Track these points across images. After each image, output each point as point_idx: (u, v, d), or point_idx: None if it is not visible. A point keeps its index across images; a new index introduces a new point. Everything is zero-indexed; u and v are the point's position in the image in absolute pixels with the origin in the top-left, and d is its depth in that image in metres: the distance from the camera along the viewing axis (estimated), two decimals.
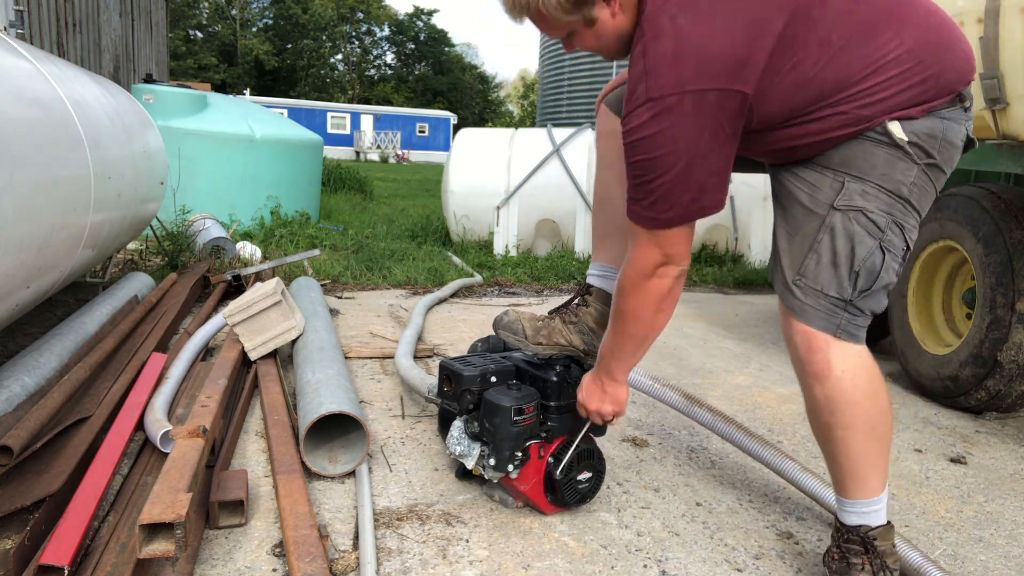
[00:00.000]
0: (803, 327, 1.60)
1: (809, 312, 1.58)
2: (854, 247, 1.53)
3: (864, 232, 1.53)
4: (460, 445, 1.95)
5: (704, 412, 2.24)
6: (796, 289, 1.60)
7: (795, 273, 1.60)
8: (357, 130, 37.96)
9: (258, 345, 2.98)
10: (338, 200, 10.97)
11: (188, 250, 5.32)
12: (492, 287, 5.51)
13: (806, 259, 1.58)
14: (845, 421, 1.59)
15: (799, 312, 1.60)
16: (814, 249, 1.57)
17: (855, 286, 1.55)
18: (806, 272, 1.58)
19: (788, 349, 1.68)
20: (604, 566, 1.78)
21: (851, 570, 1.63)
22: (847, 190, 1.53)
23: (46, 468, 1.96)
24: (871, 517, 1.63)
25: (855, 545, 1.64)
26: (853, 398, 1.58)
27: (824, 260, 1.56)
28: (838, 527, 1.69)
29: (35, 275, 2.46)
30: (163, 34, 15.66)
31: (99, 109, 3.36)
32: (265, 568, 1.69)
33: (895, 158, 1.50)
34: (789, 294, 1.61)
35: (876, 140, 1.50)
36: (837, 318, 1.57)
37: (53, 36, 8.83)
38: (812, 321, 1.58)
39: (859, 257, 1.54)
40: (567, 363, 2.00)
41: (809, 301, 1.58)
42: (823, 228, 1.55)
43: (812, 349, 1.59)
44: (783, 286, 1.63)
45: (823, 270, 1.56)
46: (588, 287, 2.00)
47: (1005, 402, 2.92)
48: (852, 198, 1.53)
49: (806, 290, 1.58)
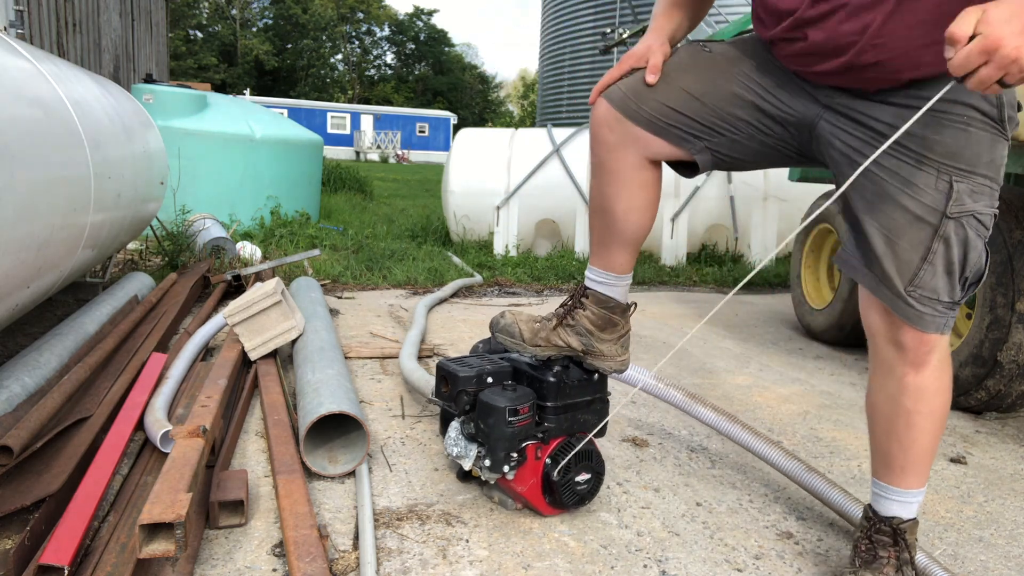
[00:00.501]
0: (918, 332, 1.56)
1: (926, 319, 1.54)
2: (967, 253, 1.49)
3: (976, 236, 1.48)
4: (457, 446, 1.95)
5: (708, 411, 2.24)
6: (912, 300, 1.54)
7: (908, 283, 1.53)
8: (357, 130, 37.99)
9: (258, 345, 2.98)
10: (338, 200, 10.98)
11: (188, 250, 5.32)
12: (492, 287, 5.51)
13: (921, 270, 1.51)
14: (929, 408, 1.60)
15: (915, 320, 1.55)
16: (929, 261, 1.50)
17: (964, 287, 1.54)
18: (922, 284, 1.52)
19: (877, 342, 1.63)
20: (604, 566, 1.78)
21: (876, 561, 1.64)
22: (957, 193, 1.44)
23: (46, 468, 1.96)
24: (909, 508, 1.66)
25: (885, 536, 1.65)
26: (941, 386, 1.61)
27: (939, 270, 1.51)
28: (870, 517, 1.70)
29: (35, 275, 2.46)
30: (163, 34, 15.67)
31: (99, 109, 3.36)
32: (265, 568, 1.69)
33: (996, 138, 1.43)
34: (902, 303, 1.54)
35: (980, 122, 1.41)
36: (946, 318, 1.55)
37: (53, 36, 8.83)
38: (928, 327, 1.55)
39: (971, 262, 1.50)
40: (566, 363, 1.99)
41: (926, 310, 1.53)
42: (937, 238, 1.48)
43: (922, 343, 1.57)
44: (892, 295, 1.55)
45: (939, 279, 1.51)
46: (585, 290, 1.95)
47: (1005, 402, 2.93)
48: (963, 202, 1.45)
49: (922, 300, 1.53)
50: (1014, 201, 2.92)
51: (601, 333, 1.91)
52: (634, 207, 1.79)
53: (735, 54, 1.70)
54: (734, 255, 6.90)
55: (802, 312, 4.44)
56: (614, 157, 1.75)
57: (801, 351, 4.06)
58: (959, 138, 1.42)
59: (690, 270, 6.44)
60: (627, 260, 1.88)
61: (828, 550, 1.92)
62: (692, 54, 1.73)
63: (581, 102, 16.82)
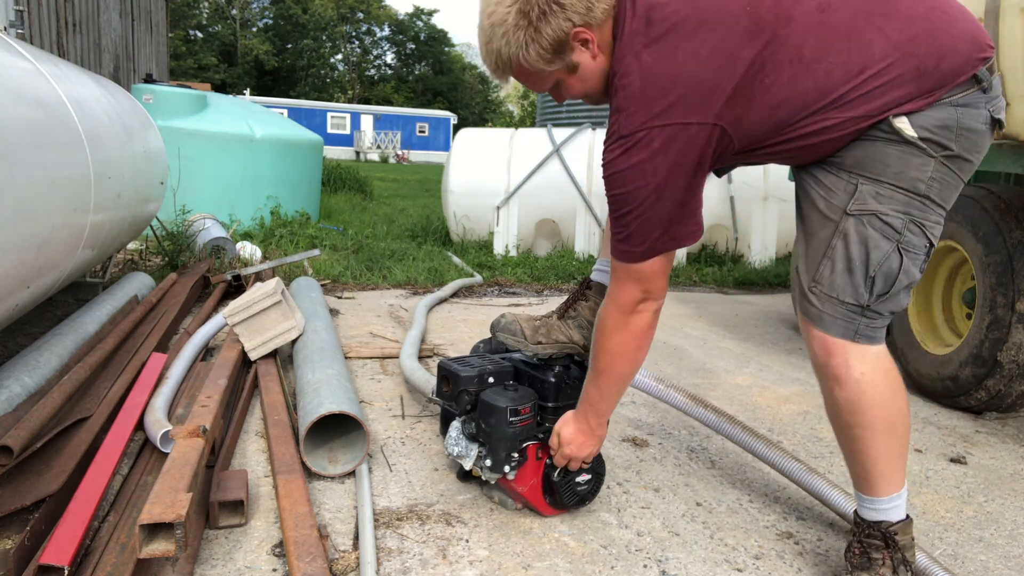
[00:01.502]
0: (820, 334, 1.59)
1: (826, 319, 1.58)
2: (868, 252, 1.52)
3: (879, 236, 1.51)
4: (458, 446, 1.95)
5: (708, 412, 2.24)
6: (812, 296, 1.59)
7: (810, 280, 1.59)
8: (357, 130, 37.98)
9: (258, 345, 2.98)
10: (338, 200, 10.97)
11: (188, 250, 5.32)
12: (492, 287, 5.51)
13: (820, 266, 1.57)
14: (865, 421, 1.59)
15: (816, 319, 1.59)
16: (828, 256, 1.56)
17: (871, 291, 1.54)
18: (821, 279, 1.58)
19: (808, 351, 1.68)
20: (604, 566, 1.78)
21: (872, 564, 1.65)
22: (860, 193, 1.51)
23: (46, 468, 1.96)
24: (891, 513, 1.65)
25: (876, 540, 1.65)
26: (872, 400, 1.58)
27: (839, 267, 1.55)
28: (858, 523, 1.70)
29: (35, 275, 2.46)
30: (163, 34, 15.67)
31: (99, 109, 3.36)
32: (265, 568, 1.69)
33: (909, 155, 1.48)
34: (805, 301, 1.61)
35: (887, 139, 1.48)
36: (855, 324, 1.56)
37: (53, 36, 8.83)
38: (829, 328, 1.58)
39: (874, 262, 1.52)
40: (567, 363, 2.00)
41: (826, 308, 1.57)
42: (837, 234, 1.54)
43: (830, 354, 1.59)
44: (799, 292, 1.63)
45: (838, 277, 1.55)
46: (588, 282, 2.01)
47: (1005, 402, 2.92)
48: (865, 201, 1.51)
49: (822, 297, 1.58)
50: (1014, 201, 2.92)
51: None
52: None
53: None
54: (734, 255, 6.90)
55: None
56: None
57: (801, 351, 4.06)
58: (866, 149, 1.50)
59: (690, 270, 6.44)
60: None
61: (828, 550, 1.92)
62: None
63: (581, 102, 16.78)
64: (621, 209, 1.54)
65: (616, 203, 1.55)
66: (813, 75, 1.45)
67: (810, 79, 1.46)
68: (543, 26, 1.51)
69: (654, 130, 1.45)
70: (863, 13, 1.46)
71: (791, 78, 1.46)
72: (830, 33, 1.45)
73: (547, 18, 1.51)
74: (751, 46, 1.44)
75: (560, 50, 1.55)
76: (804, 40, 1.45)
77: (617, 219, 1.56)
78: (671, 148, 1.46)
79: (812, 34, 1.45)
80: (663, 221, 1.52)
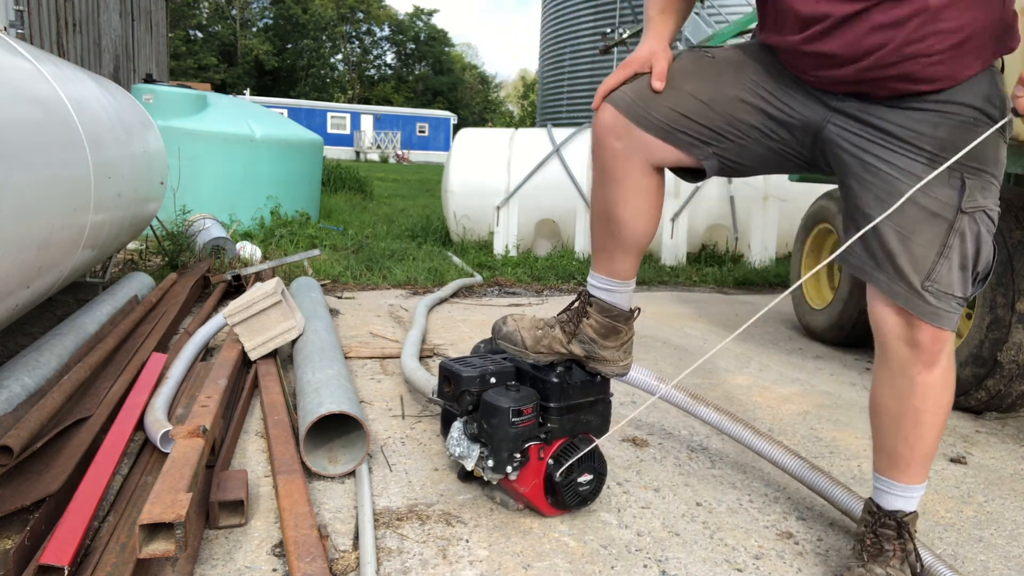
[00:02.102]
0: (933, 329, 1.57)
1: (942, 315, 1.55)
2: (980, 247, 1.53)
3: (987, 231, 1.53)
4: (459, 446, 1.95)
5: (710, 411, 2.24)
6: (928, 295, 1.54)
7: (924, 278, 1.54)
8: (357, 130, 37.98)
9: (258, 345, 2.98)
10: (338, 200, 10.97)
11: (188, 250, 5.32)
12: (492, 287, 5.51)
13: (938, 265, 1.53)
14: (936, 405, 1.62)
15: (930, 316, 1.55)
16: (945, 256, 1.52)
17: (975, 282, 1.56)
18: (939, 279, 1.54)
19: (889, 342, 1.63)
20: (604, 566, 1.78)
21: (882, 555, 1.66)
22: (969, 189, 1.49)
23: (46, 468, 1.96)
24: (912, 502, 1.69)
25: (890, 530, 1.67)
26: (948, 383, 1.63)
27: (955, 264, 1.53)
28: (873, 512, 1.72)
29: (35, 275, 2.46)
30: (163, 34, 15.67)
31: (99, 109, 3.36)
32: (265, 568, 1.69)
33: (999, 138, 1.49)
34: (918, 299, 1.55)
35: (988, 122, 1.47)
36: (958, 314, 1.57)
37: (53, 36, 8.83)
38: (944, 323, 1.56)
39: (983, 256, 1.54)
40: (568, 364, 1.99)
41: (941, 305, 1.55)
42: (953, 233, 1.51)
43: (937, 340, 1.57)
44: (908, 290, 1.56)
45: (954, 274, 1.54)
46: (589, 297, 1.92)
47: (1005, 402, 2.93)
48: (975, 198, 1.50)
49: (938, 295, 1.54)
50: (1014, 201, 2.92)
51: (604, 341, 1.90)
52: (639, 214, 1.77)
53: (739, 59, 1.70)
54: (734, 255, 6.90)
55: (802, 312, 4.45)
56: (620, 164, 1.72)
57: (801, 351, 4.06)
58: (969, 138, 1.46)
59: (690, 270, 6.44)
60: (631, 266, 1.86)
61: (828, 550, 1.92)
62: (695, 60, 1.72)
63: (581, 102, 16.82)
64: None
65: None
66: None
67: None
68: None
69: None
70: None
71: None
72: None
73: None
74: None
75: None
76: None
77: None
78: None
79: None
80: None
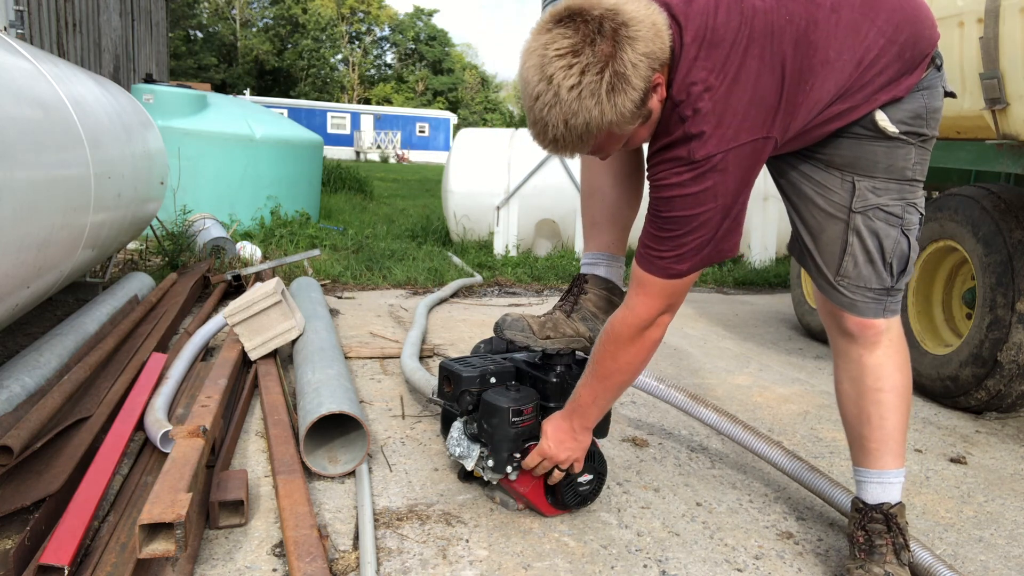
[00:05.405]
0: (856, 319, 1.70)
1: (859, 305, 1.70)
2: (881, 242, 1.64)
3: (886, 225, 1.63)
4: (460, 446, 1.95)
5: (710, 412, 2.24)
6: (842, 288, 1.70)
7: (835, 274, 1.70)
8: (357, 130, 37.94)
9: (258, 345, 2.98)
10: (338, 200, 10.97)
11: (188, 250, 5.32)
12: (492, 287, 5.51)
13: (843, 262, 1.68)
14: (891, 384, 1.71)
15: (849, 307, 1.71)
16: (848, 252, 1.67)
17: (892, 273, 1.67)
18: (847, 273, 1.69)
19: (831, 331, 1.80)
20: (604, 566, 1.78)
21: (875, 552, 1.68)
22: (859, 190, 1.63)
23: (46, 468, 1.96)
24: (893, 490, 1.72)
25: (878, 524, 1.70)
26: (898, 363, 1.72)
27: (860, 260, 1.66)
28: (859, 508, 1.74)
29: (35, 275, 2.46)
30: (163, 34, 15.67)
31: (99, 109, 3.36)
32: (265, 568, 1.69)
33: (893, 148, 1.60)
34: (836, 292, 1.71)
35: (871, 136, 1.58)
36: (883, 303, 1.70)
37: (53, 36, 8.83)
38: (864, 313, 1.70)
39: (888, 249, 1.65)
40: (568, 364, 1.99)
41: (857, 297, 1.69)
42: (849, 231, 1.65)
43: (865, 327, 1.70)
44: (827, 284, 1.73)
45: (862, 268, 1.67)
46: (583, 276, 2.03)
47: (1005, 402, 2.92)
48: (866, 198, 1.63)
49: (851, 288, 1.69)
50: (1014, 201, 2.92)
51: (605, 316, 1.96)
52: (621, 179, 1.92)
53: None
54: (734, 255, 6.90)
55: (802, 312, 4.45)
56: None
57: (801, 351, 4.06)
58: (854, 149, 1.61)
59: None
60: (617, 238, 1.98)
61: (828, 550, 1.93)
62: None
63: None
64: (680, 230, 1.50)
65: (675, 224, 1.50)
66: (835, 74, 1.50)
67: (832, 78, 1.50)
68: (635, 81, 1.39)
69: (729, 153, 1.44)
70: (860, 7, 1.51)
71: (823, 81, 1.50)
72: (842, 31, 1.49)
73: (638, 71, 1.39)
74: (794, 55, 1.45)
75: (644, 100, 1.44)
76: (829, 42, 1.48)
77: (669, 239, 1.52)
78: (741, 166, 1.47)
79: (833, 35, 1.49)
80: (717, 237, 1.52)
